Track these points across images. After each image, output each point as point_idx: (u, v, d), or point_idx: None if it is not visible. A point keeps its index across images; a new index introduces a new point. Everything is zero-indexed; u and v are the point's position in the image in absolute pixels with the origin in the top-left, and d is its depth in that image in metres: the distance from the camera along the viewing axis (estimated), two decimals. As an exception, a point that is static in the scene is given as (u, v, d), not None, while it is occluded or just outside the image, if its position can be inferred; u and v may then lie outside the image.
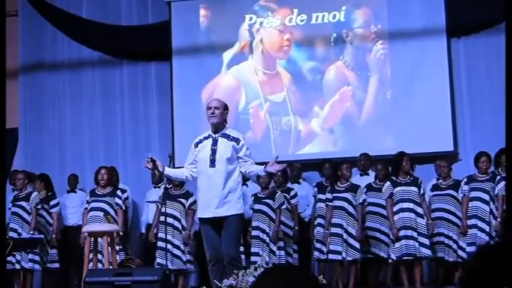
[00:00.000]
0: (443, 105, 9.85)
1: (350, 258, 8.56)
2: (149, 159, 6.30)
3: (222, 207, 6.19)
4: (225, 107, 6.42)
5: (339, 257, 8.55)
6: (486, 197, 8.37)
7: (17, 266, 8.99)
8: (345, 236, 8.54)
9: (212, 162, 6.21)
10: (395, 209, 8.45)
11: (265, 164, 6.29)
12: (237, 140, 6.28)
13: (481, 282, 1.87)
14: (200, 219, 6.50)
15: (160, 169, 6.39)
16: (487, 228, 8.29)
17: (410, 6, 10.15)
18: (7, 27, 8.88)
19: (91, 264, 8.02)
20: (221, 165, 6.21)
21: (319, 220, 8.94)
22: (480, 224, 8.31)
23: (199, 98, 10.80)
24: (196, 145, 6.40)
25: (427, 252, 8.30)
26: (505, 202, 8.18)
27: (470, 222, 8.38)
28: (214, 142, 6.29)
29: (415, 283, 8.40)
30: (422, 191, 8.47)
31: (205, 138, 6.39)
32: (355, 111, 10.24)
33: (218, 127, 6.36)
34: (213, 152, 6.23)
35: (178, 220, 8.80)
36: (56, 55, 11.60)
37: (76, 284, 9.18)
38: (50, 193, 9.54)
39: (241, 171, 6.31)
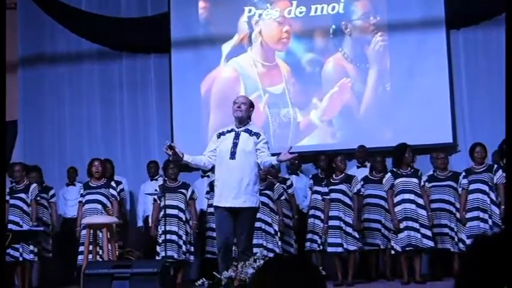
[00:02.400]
0: (442, 96, 9.85)
1: (351, 248, 8.55)
2: (168, 146, 6.44)
3: (239, 198, 6.41)
4: (251, 104, 6.73)
5: (340, 249, 8.54)
6: (485, 187, 8.37)
7: (20, 258, 8.97)
8: (344, 226, 8.54)
9: (232, 155, 6.44)
10: (396, 200, 8.43)
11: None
12: (257, 135, 6.55)
13: (479, 273, 1.87)
14: (215, 207, 6.68)
15: (180, 155, 6.54)
16: (488, 220, 8.28)
17: (410, -2, 10.16)
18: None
19: (90, 256, 8.02)
20: (241, 157, 6.44)
21: (314, 212, 8.98)
22: (482, 215, 8.31)
23: (199, 90, 10.81)
24: (219, 136, 6.64)
25: (429, 243, 8.29)
26: (505, 192, 8.18)
27: (472, 214, 8.36)
28: (237, 136, 6.51)
29: (415, 274, 8.40)
30: (422, 183, 8.46)
31: (228, 131, 6.60)
32: (354, 103, 10.24)
33: (242, 121, 6.59)
34: (235, 144, 6.47)
35: (183, 211, 8.81)
36: (55, 48, 11.59)
37: (75, 276, 9.18)
38: (44, 184, 9.58)
39: (257, 162, 6.50)
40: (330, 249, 8.62)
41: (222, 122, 9.73)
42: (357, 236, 8.60)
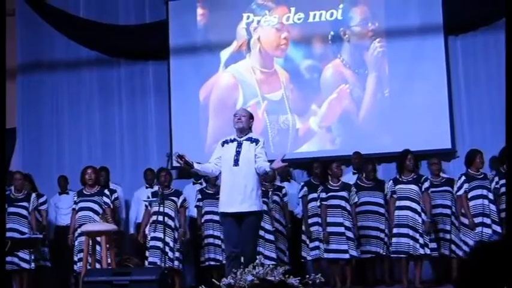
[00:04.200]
0: (441, 102, 9.85)
1: (356, 254, 8.55)
2: (178, 156, 6.74)
3: (245, 203, 6.68)
4: (251, 116, 7.06)
5: (346, 256, 8.52)
6: (490, 195, 8.35)
7: (24, 265, 8.96)
8: (348, 233, 8.54)
9: (236, 162, 6.74)
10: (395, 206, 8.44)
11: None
12: (257, 141, 6.85)
13: (477, 279, 1.87)
14: (222, 213, 6.92)
15: (191, 164, 6.86)
16: (497, 228, 8.23)
17: (408, 4, 10.15)
18: (4, 27, 8.86)
19: (81, 264, 8.02)
20: (244, 165, 6.72)
21: (315, 219, 8.90)
22: (488, 221, 8.27)
23: (197, 97, 10.81)
24: (223, 144, 6.93)
25: (421, 250, 8.25)
26: (503, 201, 8.19)
27: (477, 220, 8.31)
28: (239, 145, 6.82)
29: (414, 280, 8.38)
30: (423, 189, 8.41)
31: (231, 140, 6.91)
32: (353, 109, 10.24)
33: (243, 131, 6.89)
34: (237, 153, 6.77)
35: (172, 219, 8.80)
36: (54, 55, 11.59)
37: (73, 283, 9.17)
38: (35, 192, 9.58)
39: (254, 167, 6.76)
40: (333, 255, 8.59)
41: (220, 129, 9.75)
42: (356, 242, 8.60)
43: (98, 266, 8.15)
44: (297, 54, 10.56)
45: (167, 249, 8.66)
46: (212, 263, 9.04)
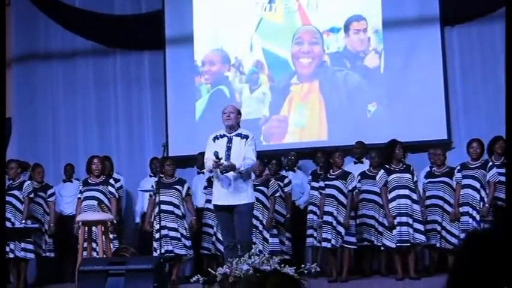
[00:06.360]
0: (437, 93, 9.84)
1: (337, 245, 8.56)
2: (216, 158, 6.94)
3: (235, 196, 7.05)
4: (239, 112, 7.42)
5: (328, 245, 8.56)
6: (477, 184, 8.37)
7: (11, 255, 8.96)
8: (334, 223, 8.56)
9: (227, 157, 7.06)
10: (391, 196, 8.45)
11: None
12: (246, 137, 7.21)
13: (470, 268, 1.88)
14: (214, 206, 7.34)
15: None
16: (477, 216, 8.30)
17: (404, -4, 10.16)
18: (-1, 16, 8.85)
19: (85, 253, 8.03)
20: (234, 160, 7.03)
21: (311, 207, 9.00)
22: (471, 211, 8.32)
23: (193, 87, 10.80)
24: (214, 140, 7.28)
25: (421, 238, 8.34)
26: (497, 189, 8.21)
27: (462, 209, 8.39)
28: (229, 140, 7.18)
29: (409, 271, 8.42)
30: (415, 178, 8.50)
31: (221, 136, 7.26)
32: (349, 100, 10.23)
33: (232, 128, 7.25)
34: (228, 148, 7.13)
35: (178, 207, 8.81)
36: (49, 45, 11.59)
37: (71, 273, 9.18)
38: (45, 182, 9.57)
39: None
40: (322, 244, 8.65)
41: (216, 119, 9.72)
42: (344, 233, 8.59)
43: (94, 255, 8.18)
44: (292, 45, 10.53)
45: (183, 238, 8.68)
46: (205, 251, 9.08)
